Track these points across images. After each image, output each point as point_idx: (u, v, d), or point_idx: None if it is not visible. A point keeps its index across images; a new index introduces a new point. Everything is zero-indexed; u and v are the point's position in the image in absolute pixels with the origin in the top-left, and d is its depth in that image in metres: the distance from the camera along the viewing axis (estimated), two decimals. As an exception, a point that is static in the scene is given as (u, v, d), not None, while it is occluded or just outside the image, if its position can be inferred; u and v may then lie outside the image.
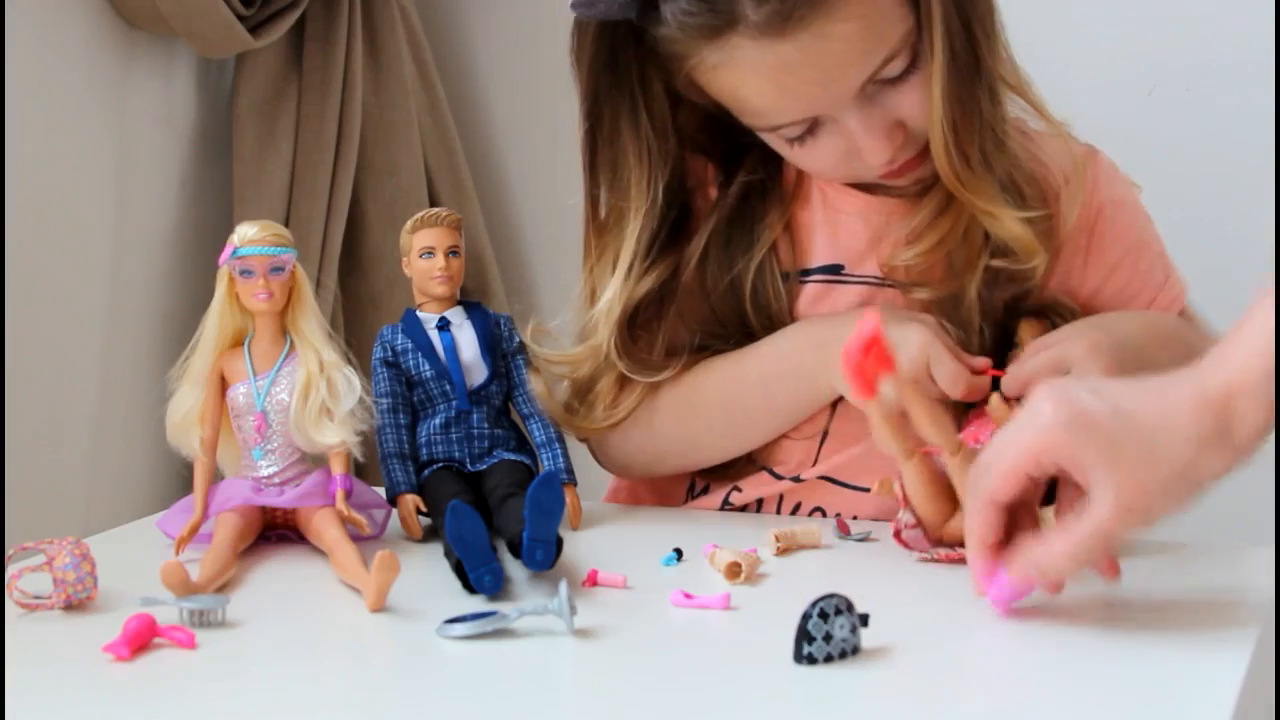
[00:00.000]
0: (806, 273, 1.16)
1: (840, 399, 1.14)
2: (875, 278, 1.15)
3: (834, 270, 1.16)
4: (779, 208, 1.17)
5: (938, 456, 0.97)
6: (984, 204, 1.10)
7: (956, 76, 1.06)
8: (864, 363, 0.91)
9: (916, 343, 1.06)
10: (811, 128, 1.07)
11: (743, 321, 1.16)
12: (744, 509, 1.18)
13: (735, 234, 1.16)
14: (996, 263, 1.12)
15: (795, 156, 1.12)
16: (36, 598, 0.91)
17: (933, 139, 1.07)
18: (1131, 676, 0.79)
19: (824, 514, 1.16)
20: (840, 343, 0.96)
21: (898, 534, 0.99)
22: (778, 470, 1.16)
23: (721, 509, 1.19)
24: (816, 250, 1.17)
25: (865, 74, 1.04)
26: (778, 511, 1.17)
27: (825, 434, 1.15)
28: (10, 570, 0.92)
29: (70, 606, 0.91)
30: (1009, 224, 1.10)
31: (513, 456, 1.10)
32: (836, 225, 1.17)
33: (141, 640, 0.83)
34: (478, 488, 1.08)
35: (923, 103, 1.06)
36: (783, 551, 1.03)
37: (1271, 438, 1.13)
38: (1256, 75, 1.79)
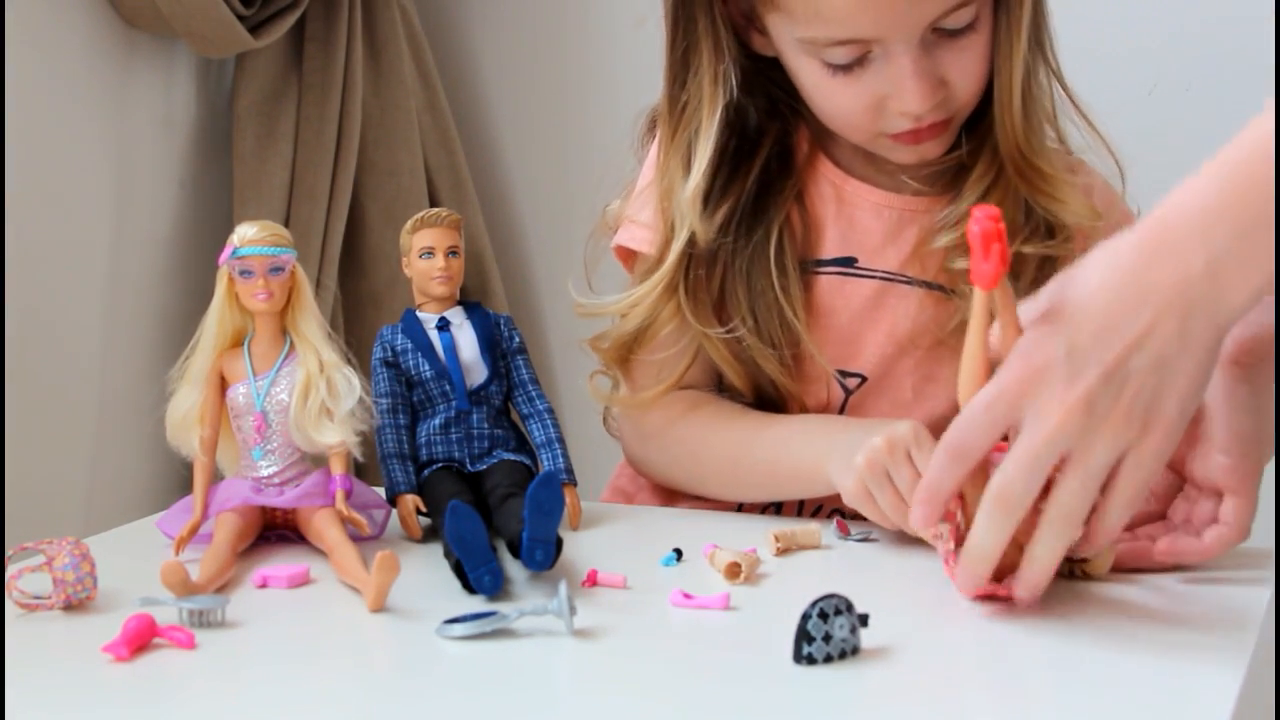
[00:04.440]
0: (819, 263, 1.17)
1: (854, 384, 1.16)
2: (890, 272, 1.16)
3: (847, 263, 1.17)
4: (791, 180, 1.17)
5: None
6: (1047, 171, 1.12)
7: (1034, 45, 1.11)
8: (995, 246, 0.83)
9: (909, 424, 1.02)
10: (862, 59, 1.07)
11: (752, 308, 1.16)
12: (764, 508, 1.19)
13: (755, 208, 1.16)
14: (1029, 248, 1.13)
15: (827, 93, 1.11)
16: (36, 598, 0.91)
17: (1003, 104, 1.10)
18: (1130, 676, 0.79)
19: (843, 515, 1.16)
20: (844, 449, 1.01)
21: (948, 561, 0.89)
22: None
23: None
24: (828, 242, 1.17)
25: (944, 6, 1.05)
26: (799, 512, 1.18)
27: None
28: (10, 570, 0.92)
29: (70, 607, 0.91)
30: (1070, 196, 1.12)
31: (513, 456, 1.10)
32: (851, 220, 1.18)
33: (141, 640, 0.83)
34: (477, 488, 1.08)
35: (972, 67, 1.09)
36: (782, 552, 1.02)
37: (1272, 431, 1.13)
38: (1256, 75, 1.79)
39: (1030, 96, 1.12)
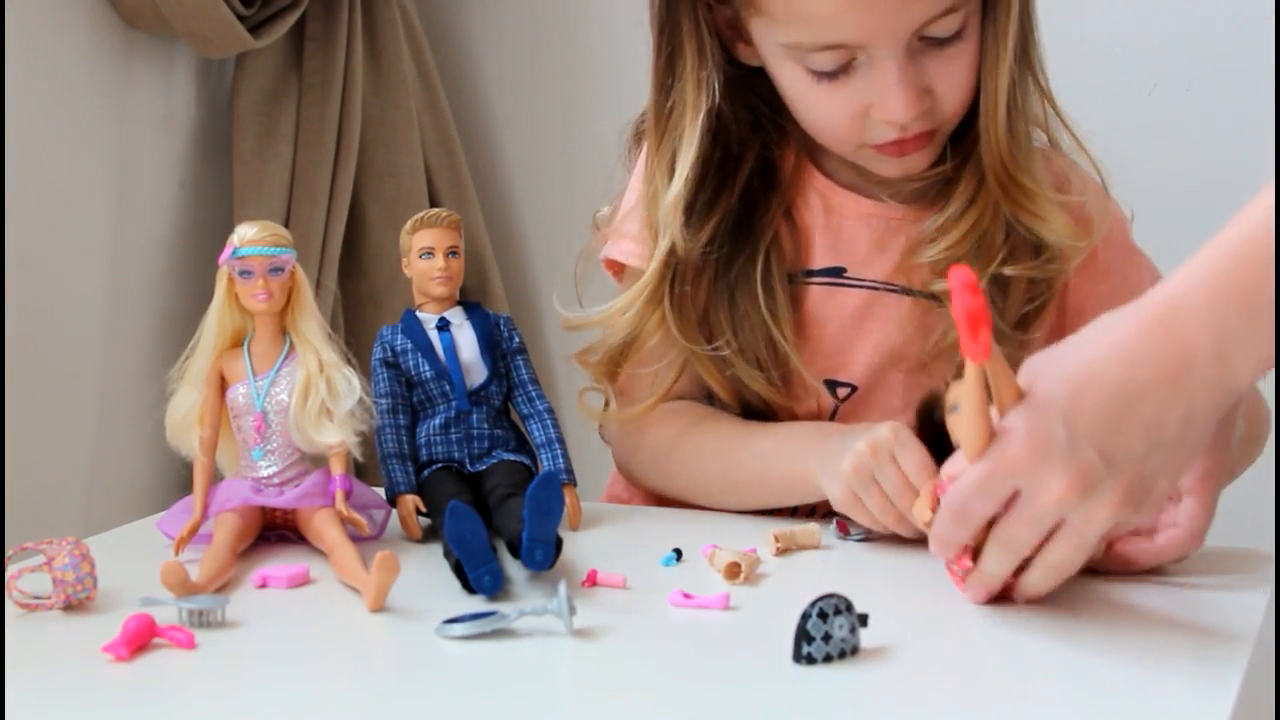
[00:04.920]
0: (809, 274, 1.17)
1: (844, 394, 1.16)
2: (878, 282, 1.16)
3: (836, 273, 1.16)
4: (777, 196, 1.17)
5: None
6: (1030, 187, 1.10)
7: (1020, 58, 1.09)
8: (982, 331, 0.81)
9: (890, 426, 1.02)
10: (847, 66, 1.06)
11: (735, 330, 1.15)
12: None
13: (740, 227, 1.16)
14: (1010, 270, 1.12)
15: (810, 102, 1.10)
16: (36, 598, 0.91)
17: (988, 115, 1.09)
18: (1130, 676, 0.79)
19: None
20: (832, 457, 1.02)
21: (951, 570, 0.91)
22: None
23: None
24: (817, 252, 1.17)
25: (930, 12, 1.04)
26: (794, 513, 1.18)
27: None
28: (10, 570, 0.92)
29: (70, 607, 0.91)
30: (1052, 215, 1.10)
31: (512, 457, 1.10)
32: (839, 230, 1.17)
33: (141, 640, 0.83)
34: (477, 488, 1.08)
35: (959, 76, 1.08)
36: (782, 552, 1.03)
37: (1272, 431, 1.13)
38: (1256, 75, 1.79)
39: (1016, 109, 1.10)
